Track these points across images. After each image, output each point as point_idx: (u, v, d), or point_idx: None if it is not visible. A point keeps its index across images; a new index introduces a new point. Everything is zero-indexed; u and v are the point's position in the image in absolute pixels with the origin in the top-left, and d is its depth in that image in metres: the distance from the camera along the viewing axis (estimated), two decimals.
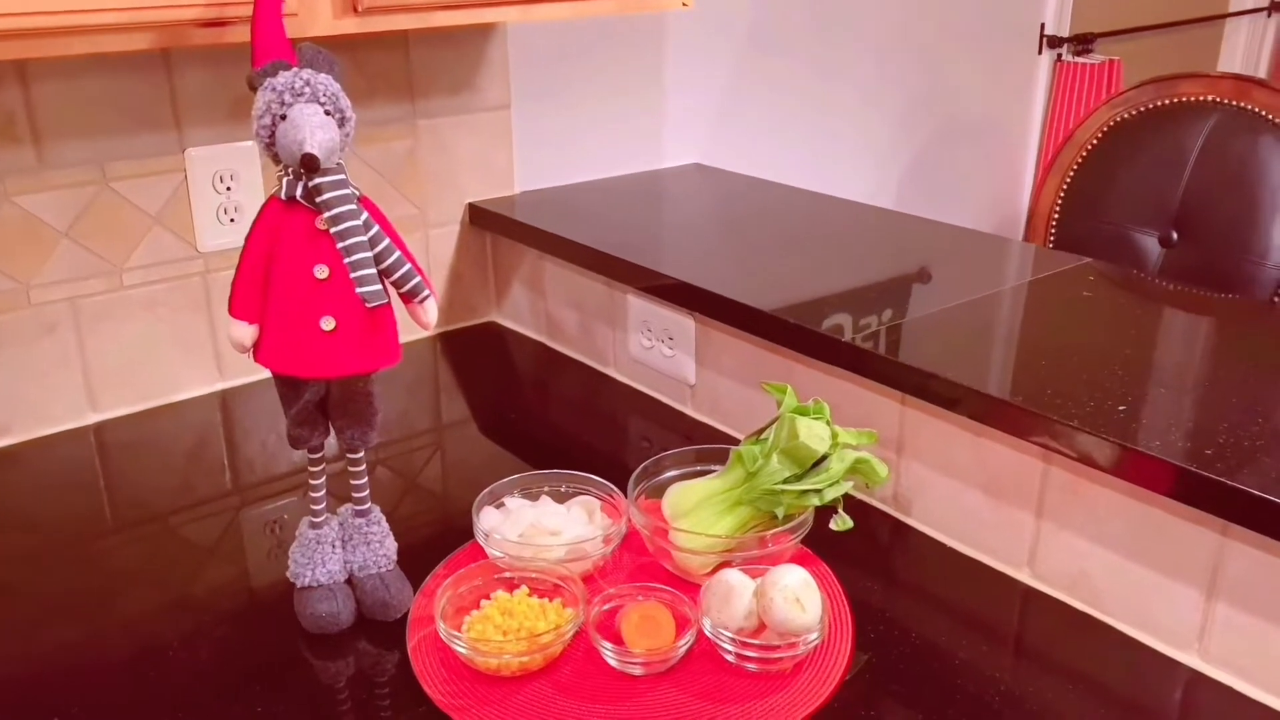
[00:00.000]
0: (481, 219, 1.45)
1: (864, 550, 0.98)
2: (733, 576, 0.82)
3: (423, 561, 0.93)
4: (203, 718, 0.78)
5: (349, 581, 0.88)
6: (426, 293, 0.80)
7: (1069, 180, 1.62)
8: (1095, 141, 1.59)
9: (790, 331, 1.05)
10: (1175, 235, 1.52)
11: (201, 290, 1.27)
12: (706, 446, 1.00)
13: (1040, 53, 2.22)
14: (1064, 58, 2.23)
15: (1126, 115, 1.58)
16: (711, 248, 1.31)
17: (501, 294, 1.52)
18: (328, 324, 0.77)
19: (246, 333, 0.78)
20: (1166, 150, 1.51)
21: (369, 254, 0.75)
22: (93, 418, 1.23)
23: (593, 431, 1.24)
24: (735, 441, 1.01)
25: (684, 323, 1.21)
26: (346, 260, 0.75)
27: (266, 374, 0.82)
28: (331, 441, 0.86)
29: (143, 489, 1.09)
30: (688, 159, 1.71)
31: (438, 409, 1.29)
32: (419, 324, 0.82)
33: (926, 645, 0.85)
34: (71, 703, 0.79)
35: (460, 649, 0.80)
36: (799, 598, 0.79)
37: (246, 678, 0.82)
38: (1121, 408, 0.87)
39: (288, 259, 0.76)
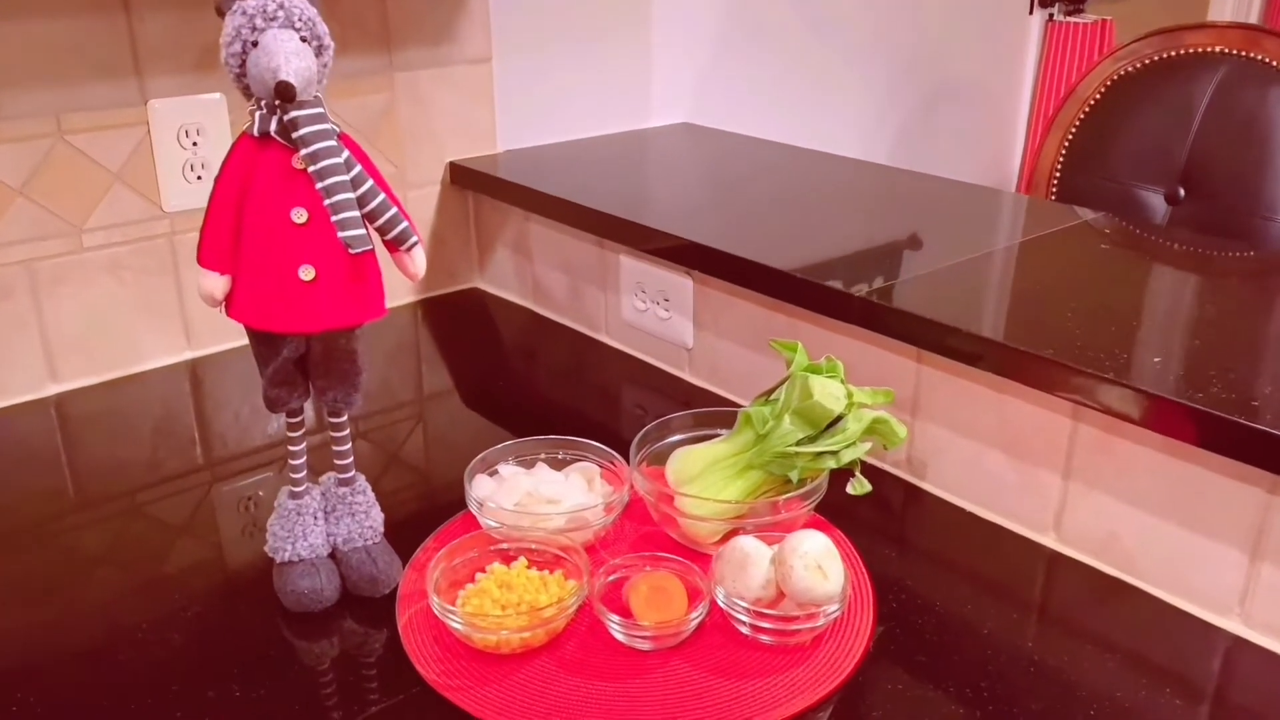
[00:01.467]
0: (463, 178, 1.38)
1: (877, 517, 0.93)
2: (748, 543, 0.77)
3: (409, 537, 0.87)
4: (176, 704, 0.71)
5: (332, 556, 0.82)
6: (414, 239, 0.73)
7: (1070, 137, 1.57)
8: (1098, 97, 1.54)
9: (797, 287, 0.99)
10: (1182, 192, 1.47)
11: (168, 252, 1.19)
12: (710, 410, 0.94)
13: (1031, 12, 2.17)
14: (1055, 18, 2.18)
15: (1130, 69, 1.53)
16: (706, 206, 1.25)
17: (485, 258, 1.45)
18: (307, 273, 0.70)
19: (217, 284, 0.72)
20: (1173, 104, 1.46)
21: (351, 195, 0.69)
22: (53, 389, 1.16)
23: (584, 400, 1.18)
24: (737, 407, 0.95)
25: (681, 283, 1.15)
26: (327, 202, 0.68)
27: (238, 343, 0.75)
28: (310, 409, 0.79)
29: (107, 465, 1.02)
30: (675, 118, 1.65)
31: (419, 380, 1.23)
32: (407, 274, 0.75)
33: (951, 616, 0.80)
34: (31, 691, 0.72)
35: (456, 625, 0.74)
36: (821, 565, 0.74)
37: (223, 661, 0.75)
38: (1156, 359, 0.82)
39: (262, 202, 0.70)
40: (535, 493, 0.87)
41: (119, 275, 1.17)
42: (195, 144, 1.17)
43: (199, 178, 1.18)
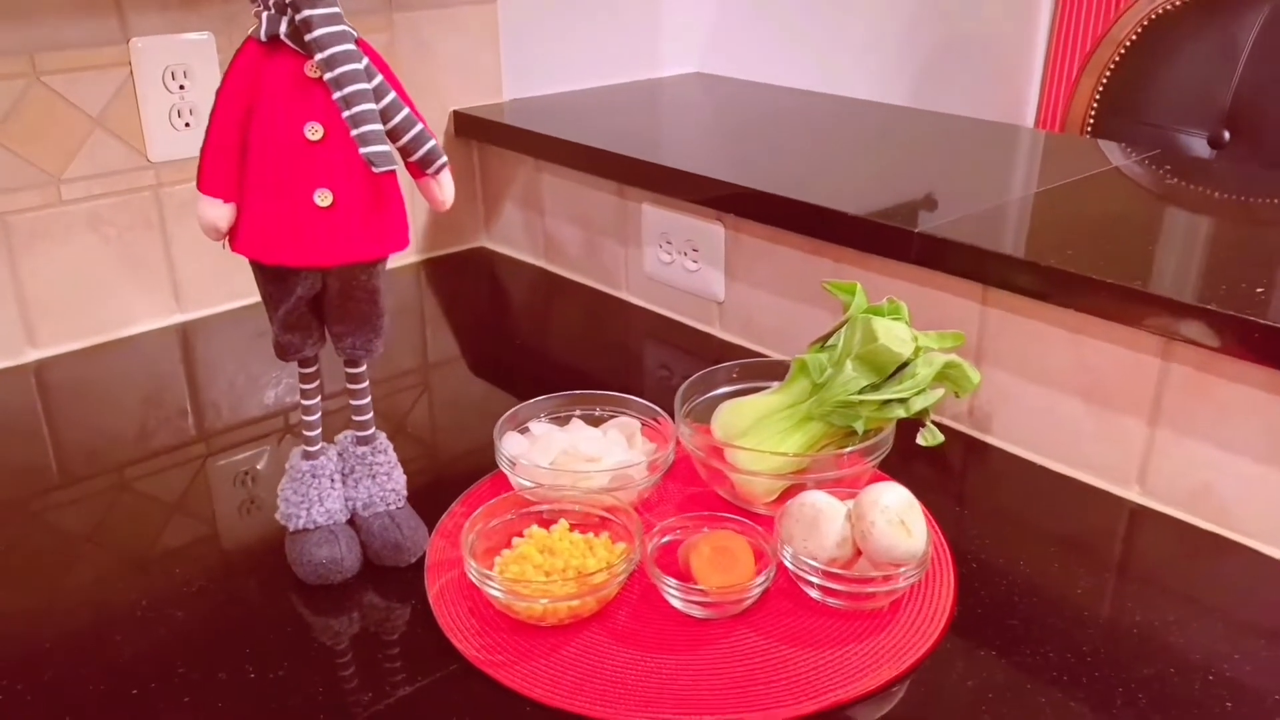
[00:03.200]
0: (468, 127, 1.29)
1: (938, 475, 0.86)
2: (820, 498, 0.69)
3: (430, 505, 0.78)
4: (184, 688, 0.63)
5: (351, 522, 0.74)
6: (443, 159, 0.65)
7: (1105, 81, 1.49)
8: (1134, 38, 1.46)
9: (847, 227, 0.92)
10: (1227, 135, 1.40)
11: (154, 206, 1.10)
12: (757, 360, 0.87)
13: None
14: None
15: (1168, 7, 1.45)
16: (731, 151, 1.17)
17: (492, 214, 1.37)
18: (323, 198, 0.62)
19: (221, 213, 0.63)
20: (1216, 43, 1.39)
21: (374, 105, 0.60)
22: (31, 355, 1.07)
23: (605, 362, 1.10)
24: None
25: (711, 230, 1.07)
26: (346, 114, 0.60)
27: (231, 305, 0.66)
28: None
29: (93, 437, 0.93)
30: (687, 68, 1.56)
31: (423, 346, 1.14)
32: (434, 202, 0.67)
33: (1037, 578, 0.72)
34: (19, 679, 0.64)
35: (495, 593, 0.66)
36: (904, 520, 0.66)
37: (234, 640, 0.67)
38: (1259, 289, 0.74)
39: (271, 116, 0.61)
40: (572, 450, 0.79)
41: (101, 231, 1.08)
42: (182, 87, 1.08)
43: (187, 125, 1.09)
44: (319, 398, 0.72)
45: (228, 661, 0.65)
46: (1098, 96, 1.49)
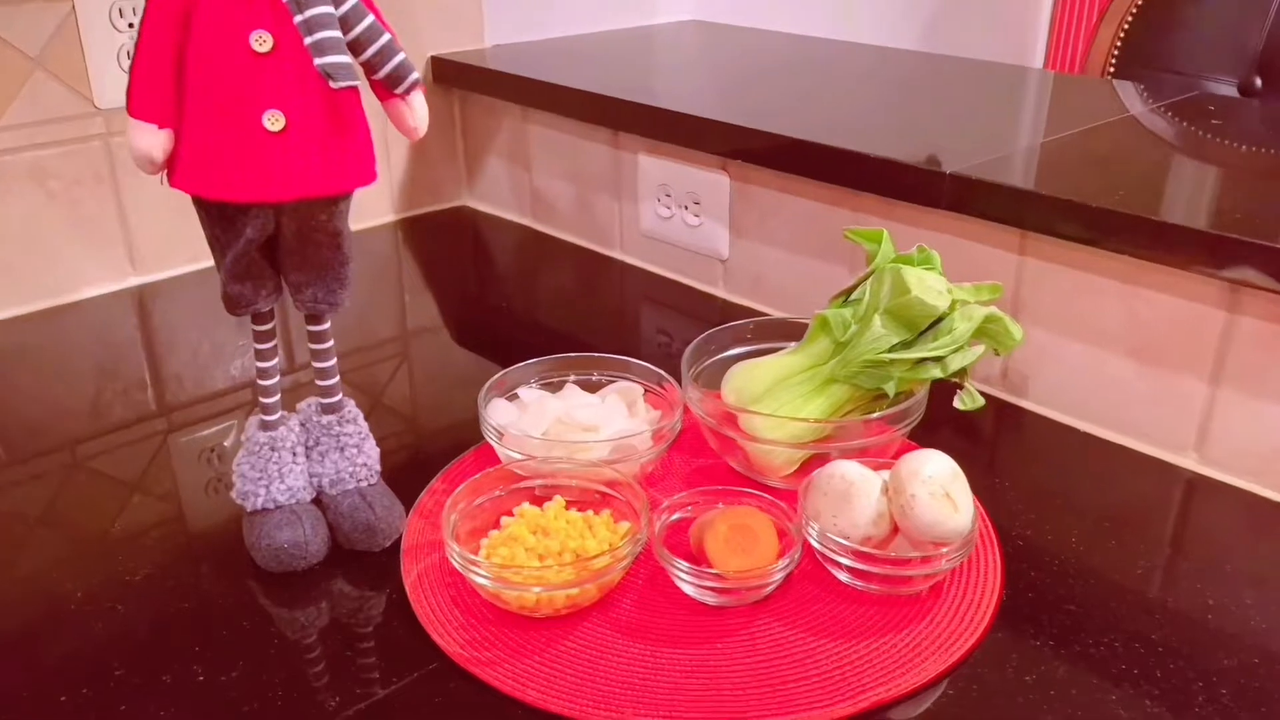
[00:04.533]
0: (449, 75, 1.20)
1: (968, 443, 0.77)
2: (852, 469, 0.61)
3: (406, 483, 0.70)
4: (120, 693, 0.54)
5: (317, 501, 0.65)
6: (414, 76, 0.56)
7: (1126, 28, 1.40)
8: None
9: (868, 171, 0.83)
10: (1259, 82, 1.32)
11: (103, 157, 1.01)
12: (771, 318, 0.78)
13: None
14: None
15: None
16: (732, 98, 1.08)
17: (474, 170, 1.27)
18: (274, 121, 0.53)
19: (154, 141, 0.54)
20: None
21: (331, 9, 0.51)
22: None
23: (598, 328, 1.01)
24: None
25: (715, 180, 0.98)
26: (298, 19, 0.51)
27: (192, 267, 0.58)
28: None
29: (41, 411, 0.84)
30: (681, 14, 1.46)
31: (401, 313, 1.06)
32: (404, 128, 0.58)
33: (1090, 555, 0.64)
34: None
35: (482, 580, 0.57)
36: (949, 492, 0.58)
37: (182, 636, 0.59)
38: None
39: (211, 24, 0.52)
40: (567, 419, 0.70)
41: (46, 185, 0.98)
42: (131, 24, 0.98)
43: None
44: (277, 359, 0.63)
45: (173, 662, 0.56)
46: (1118, 45, 1.40)
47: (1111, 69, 1.40)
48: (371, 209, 1.22)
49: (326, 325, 0.63)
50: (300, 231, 0.57)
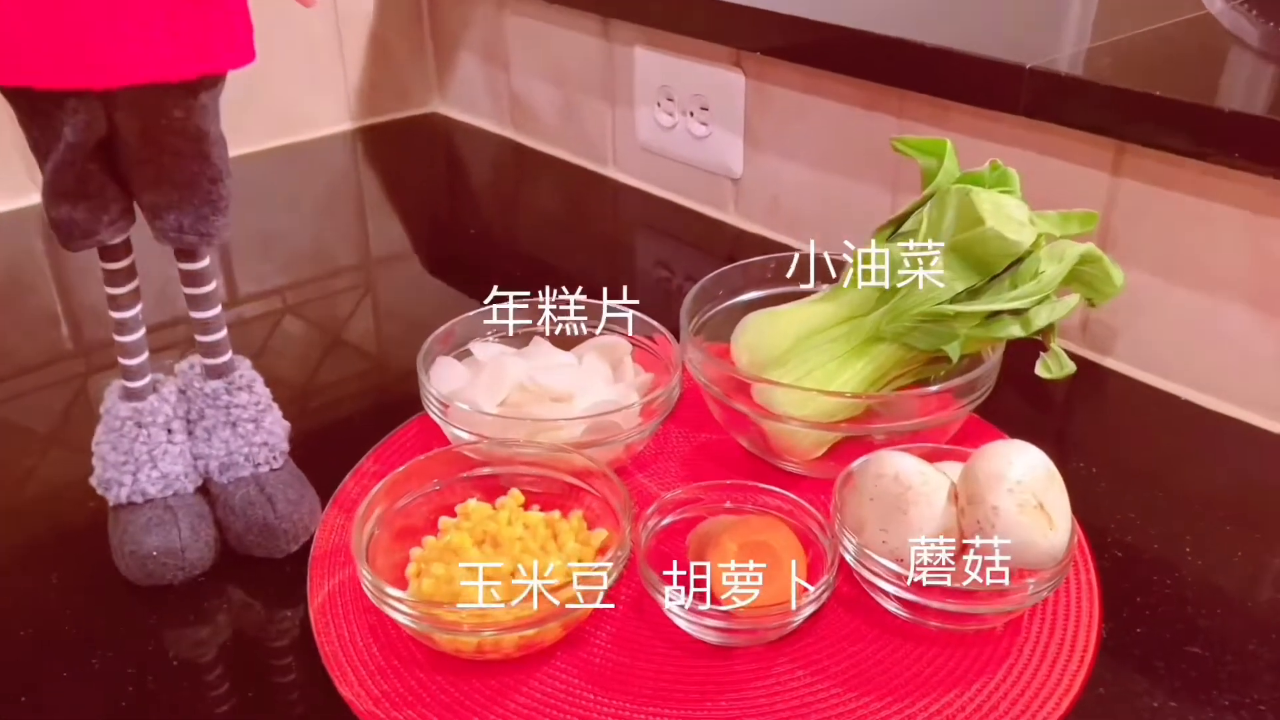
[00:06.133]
0: None
1: (1040, 414, 0.62)
2: (907, 466, 0.45)
3: (336, 461, 0.55)
4: None
5: (205, 491, 0.50)
6: None
7: None
8: None
9: (922, 64, 0.66)
10: None
11: None
12: (790, 254, 0.61)
13: None
14: None
15: None
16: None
17: (445, 71, 1.11)
18: None
19: None
20: None
21: None
22: None
23: (586, 259, 0.87)
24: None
25: (726, 79, 0.82)
26: None
27: None
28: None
29: None
30: None
31: (363, 237, 0.92)
32: None
33: (1215, 572, 0.50)
34: None
35: (404, 620, 0.42)
36: (1042, 503, 0.42)
37: (9, 671, 0.44)
38: None
39: None
40: (532, 385, 0.54)
41: None
42: None
43: None
44: (137, 307, 0.47)
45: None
46: None
47: None
48: (324, 115, 1.07)
49: (204, 263, 0.47)
50: (147, 133, 0.41)
